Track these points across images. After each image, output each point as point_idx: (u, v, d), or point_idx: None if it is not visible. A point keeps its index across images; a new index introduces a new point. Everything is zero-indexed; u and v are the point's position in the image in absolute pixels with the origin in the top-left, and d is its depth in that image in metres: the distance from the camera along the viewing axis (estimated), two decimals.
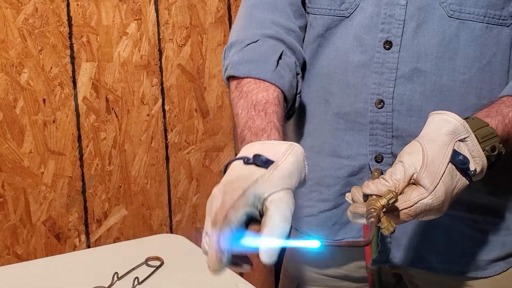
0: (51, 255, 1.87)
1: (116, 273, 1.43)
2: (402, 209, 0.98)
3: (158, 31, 2.03)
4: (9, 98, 1.88)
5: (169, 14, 2.04)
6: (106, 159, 2.03)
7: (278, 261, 0.91)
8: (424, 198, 0.97)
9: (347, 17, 1.22)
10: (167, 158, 2.12)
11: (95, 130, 2.00)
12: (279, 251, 0.87)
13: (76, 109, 1.96)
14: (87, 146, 1.99)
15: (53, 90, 1.92)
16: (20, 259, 1.94)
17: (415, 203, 0.97)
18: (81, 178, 2.00)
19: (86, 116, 1.98)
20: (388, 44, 1.19)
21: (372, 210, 0.95)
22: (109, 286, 1.41)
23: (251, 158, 0.93)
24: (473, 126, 1.03)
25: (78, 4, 1.92)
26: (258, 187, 0.89)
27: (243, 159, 0.93)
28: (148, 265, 1.50)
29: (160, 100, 2.07)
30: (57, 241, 1.99)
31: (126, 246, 1.74)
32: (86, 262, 1.57)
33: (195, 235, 2.13)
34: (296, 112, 1.25)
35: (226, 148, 2.20)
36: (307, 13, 1.27)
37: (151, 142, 2.08)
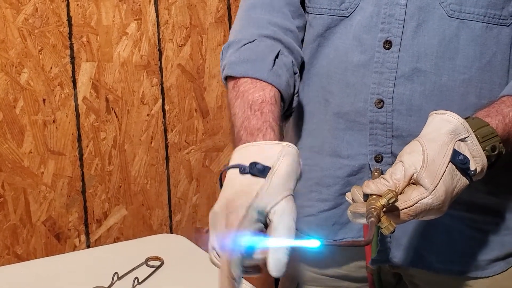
0: (51, 255, 1.87)
1: (116, 273, 1.43)
2: (402, 209, 0.98)
3: (158, 31, 2.03)
4: (9, 98, 1.88)
5: (169, 14, 2.04)
6: (106, 159, 2.02)
7: None
8: (424, 198, 0.97)
9: (347, 17, 1.22)
10: (167, 158, 2.11)
11: (95, 130, 2.00)
12: (287, 264, 0.89)
13: (76, 109, 1.96)
14: (87, 146, 1.99)
15: (53, 90, 1.92)
16: (20, 259, 1.94)
17: (415, 203, 0.97)
18: (81, 178, 2.00)
19: (86, 116, 1.98)
20: (388, 44, 1.18)
21: (372, 210, 0.95)
22: (109, 286, 1.41)
23: (247, 167, 0.93)
24: (473, 126, 1.03)
25: (78, 4, 1.92)
26: (260, 202, 0.90)
27: (239, 168, 0.94)
28: (148, 265, 1.50)
29: (160, 100, 2.07)
30: (57, 241, 1.99)
31: (126, 246, 1.74)
32: (86, 262, 1.57)
33: (195, 235, 2.13)
34: (296, 112, 1.25)
35: (226, 148, 2.20)
36: (307, 13, 1.27)
37: (151, 142, 2.08)
